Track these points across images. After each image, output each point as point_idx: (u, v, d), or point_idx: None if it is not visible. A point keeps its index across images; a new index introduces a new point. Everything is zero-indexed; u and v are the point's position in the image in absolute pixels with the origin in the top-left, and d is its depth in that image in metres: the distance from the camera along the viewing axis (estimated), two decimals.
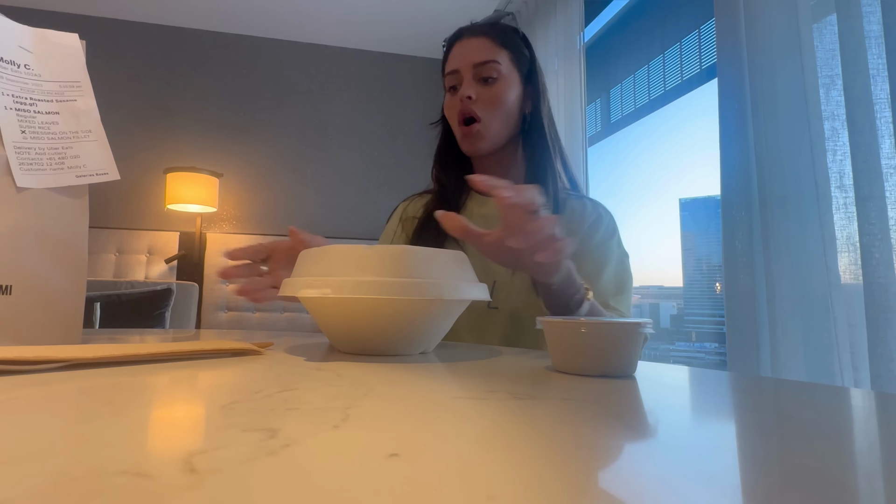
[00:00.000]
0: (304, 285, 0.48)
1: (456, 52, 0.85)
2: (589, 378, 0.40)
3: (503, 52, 0.84)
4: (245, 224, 3.17)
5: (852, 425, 0.29)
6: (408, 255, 0.48)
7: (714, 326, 1.91)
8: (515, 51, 0.85)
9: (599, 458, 0.20)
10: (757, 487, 0.18)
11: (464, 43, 0.85)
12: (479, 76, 0.83)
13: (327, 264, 0.49)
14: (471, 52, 0.83)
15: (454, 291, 0.48)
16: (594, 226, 0.85)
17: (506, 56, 0.84)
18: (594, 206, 0.88)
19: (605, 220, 0.86)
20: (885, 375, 0.91)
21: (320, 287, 0.47)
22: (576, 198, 0.89)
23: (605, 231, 0.85)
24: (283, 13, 3.02)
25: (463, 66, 0.84)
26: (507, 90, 0.83)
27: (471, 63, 0.83)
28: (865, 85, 0.97)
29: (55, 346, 0.41)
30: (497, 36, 0.85)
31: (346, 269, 0.48)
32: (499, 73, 0.83)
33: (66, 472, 0.16)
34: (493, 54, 0.83)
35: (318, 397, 0.29)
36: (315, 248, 0.52)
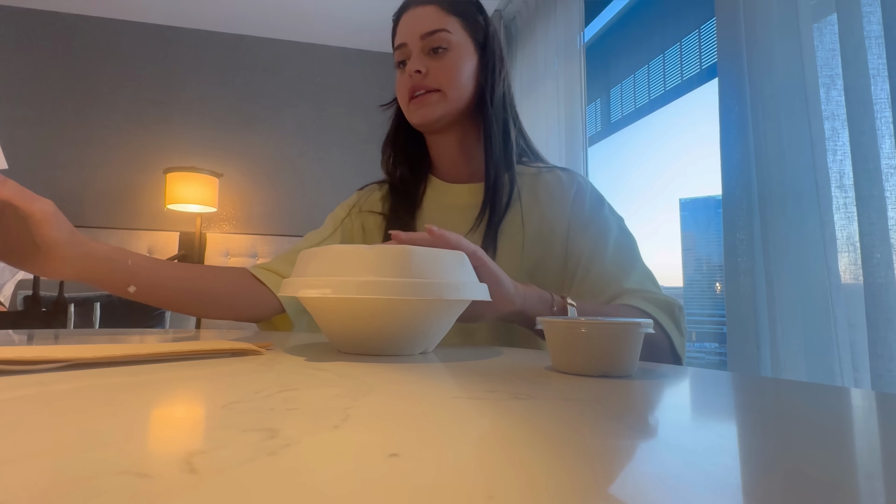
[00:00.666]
0: (304, 285, 0.48)
1: (402, 24, 0.78)
2: (589, 378, 0.39)
3: (453, 18, 0.77)
4: (245, 224, 3.17)
5: (852, 425, 0.29)
6: (409, 255, 0.48)
7: (714, 326, 1.91)
8: (467, 17, 0.78)
9: (599, 459, 0.20)
10: (757, 487, 0.18)
11: (410, 13, 0.78)
12: (427, 48, 0.76)
13: (328, 264, 0.49)
14: (417, 23, 0.76)
15: (454, 291, 0.48)
16: (579, 197, 0.79)
17: (456, 23, 0.77)
18: (570, 177, 0.82)
19: (587, 189, 0.80)
20: (886, 375, 0.91)
21: (321, 287, 0.46)
22: (546, 170, 0.83)
23: (592, 199, 0.79)
24: (283, 13, 3.02)
25: (410, 38, 0.77)
26: (459, 60, 0.76)
27: (418, 34, 0.76)
28: (865, 85, 0.97)
29: (55, 346, 0.41)
30: (445, 2, 0.77)
31: (346, 270, 0.47)
32: (449, 42, 0.76)
33: (66, 472, 0.16)
34: (441, 22, 0.76)
35: (318, 397, 0.29)
36: (315, 248, 0.51)
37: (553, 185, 0.80)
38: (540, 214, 0.78)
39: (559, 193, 0.79)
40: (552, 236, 0.77)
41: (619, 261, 0.74)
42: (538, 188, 0.80)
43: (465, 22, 0.78)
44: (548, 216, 0.78)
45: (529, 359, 0.52)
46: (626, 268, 0.73)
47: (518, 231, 0.77)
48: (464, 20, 0.78)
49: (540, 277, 0.75)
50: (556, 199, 0.79)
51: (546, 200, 0.79)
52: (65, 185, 2.94)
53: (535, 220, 0.78)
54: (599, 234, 0.76)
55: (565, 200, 0.79)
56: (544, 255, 0.77)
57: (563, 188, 0.80)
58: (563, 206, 0.78)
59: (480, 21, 0.80)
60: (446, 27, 0.76)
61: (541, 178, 0.81)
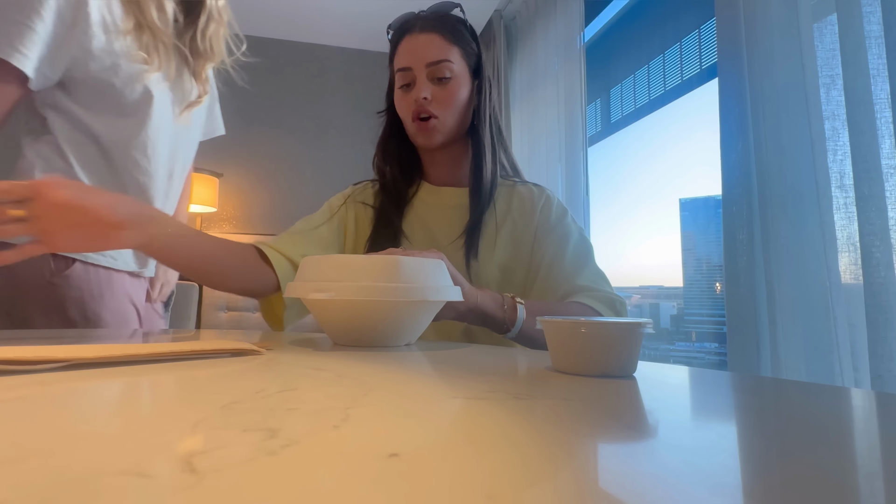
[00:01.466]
0: (311, 289, 0.56)
1: (407, 47, 0.84)
2: (589, 378, 0.39)
3: (454, 49, 0.84)
4: (245, 224, 3.17)
5: (852, 425, 0.29)
6: (398, 264, 0.57)
7: (714, 326, 1.91)
8: (465, 46, 0.85)
9: (599, 458, 0.20)
10: (757, 487, 0.18)
11: (414, 38, 0.83)
12: (432, 75, 0.83)
13: (330, 271, 0.57)
14: (423, 51, 0.82)
15: (435, 294, 0.58)
16: (545, 208, 0.89)
17: (457, 53, 0.84)
18: (540, 191, 0.92)
19: (553, 202, 0.90)
20: (886, 375, 0.91)
21: (326, 291, 0.55)
22: (521, 184, 0.93)
23: (557, 210, 0.89)
24: (283, 13, 3.02)
25: (416, 64, 0.83)
26: (459, 88, 0.84)
27: (424, 62, 0.82)
28: (866, 85, 0.97)
29: (55, 346, 0.41)
30: (448, 32, 0.84)
31: (345, 276, 0.56)
32: (452, 71, 0.83)
33: (66, 472, 0.16)
34: (445, 53, 0.82)
35: (318, 397, 0.29)
36: (318, 256, 0.59)
37: (525, 196, 0.90)
38: (511, 220, 0.88)
39: (529, 204, 0.89)
40: (521, 239, 0.87)
41: (576, 262, 0.83)
42: (512, 198, 0.90)
43: (464, 51, 0.86)
44: (518, 222, 0.88)
45: (529, 359, 0.52)
46: (581, 268, 0.83)
47: (492, 233, 0.87)
48: (462, 49, 0.85)
49: (509, 274, 0.86)
50: (526, 209, 0.89)
51: (517, 208, 0.89)
52: None
53: (507, 224, 0.88)
54: (560, 239, 0.85)
55: (534, 210, 0.89)
56: (514, 254, 0.87)
57: (534, 199, 0.90)
58: (532, 215, 0.88)
59: (474, 48, 0.88)
60: (449, 57, 0.83)
61: (515, 190, 0.91)
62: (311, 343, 0.65)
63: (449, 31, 0.84)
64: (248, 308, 2.95)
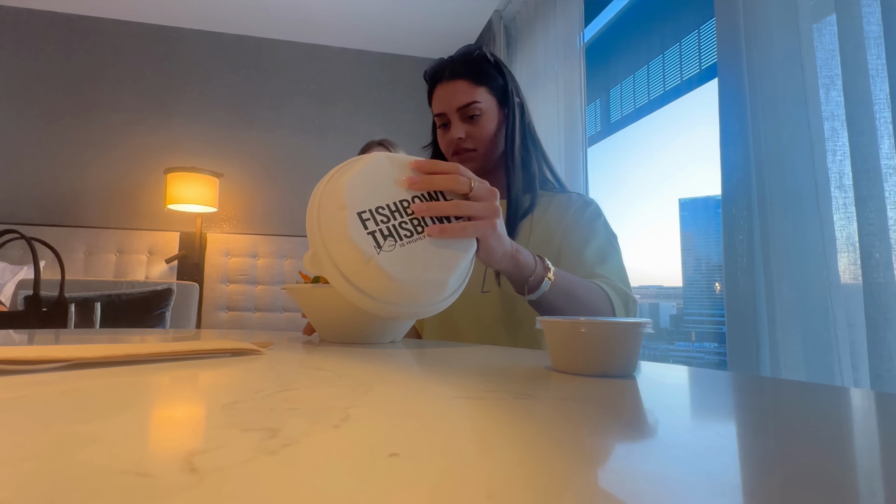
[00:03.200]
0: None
1: (440, 94, 0.96)
2: (589, 378, 0.40)
3: (481, 89, 0.94)
4: (245, 224, 3.17)
5: (852, 425, 0.29)
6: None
7: (714, 326, 1.91)
8: (491, 83, 0.95)
9: (599, 458, 0.20)
10: (757, 487, 0.18)
11: (445, 87, 0.95)
12: (464, 116, 0.94)
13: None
14: (453, 97, 0.94)
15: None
16: (580, 209, 0.94)
17: (484, 92, 0.94)
18: (580, 197, 0.98)
19: (590, 205, 0.95)
20: (885, 375, 0.91)
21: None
22: (562, 193, 0.99)
23: (592, 213, 0.94)
24: (283, 13, 3.02)
25: (448, 110, 0.95)
26: (489, 122, 0.94)
27: (454, 107, 0.94)
28: (865, 85, 0.97)
29: (55, 346, 0.41)
30: (473, 75, 0.94)
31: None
32: (480, 110, 0.93)
33: (66, 472, 0.16)
34: (472, 95, 0.93)
35: (318, 397, 0.29)
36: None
37: (562, 201, 0.96)
38: (545, 223, 0.94)
39: (564, 207, 0.95)
40: (551, 238, 0.92)
41: (599, 255, 0.87)
42: (550, 204, 0.96)
43: (490, 88, 0.95)
44: (550, 223, 0.94)
45: (529, 359, 0.52)
46: (603, 261, 0.86)
47: (525, 235, 0.93)
48: (489, 87, 0.94)
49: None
50: (559, 211, 0.94)
51: (553, 213, 0.95)
52: (65, 185, 2.94)
53: (540, 226, 0.94)
54: (587, 234, 0.90)
55: (568, 210, 0.94)
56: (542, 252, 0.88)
57: (570, 203, 0.95)
58: (565, 214, 0.93)
59: (500, 81, 0.96)
60: (476, 98, 0.93)
61: (554, 198, 0.97)
62: (311, 343, 0.65)
63: (474, 73, 0.94)
64: (248, 308, 2.96)
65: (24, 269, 2.49)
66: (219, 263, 2.96)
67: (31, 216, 2.86)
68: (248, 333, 0.82)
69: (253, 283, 2.98)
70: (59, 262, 1.10)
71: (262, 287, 2.98)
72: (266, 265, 3.01)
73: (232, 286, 2.96)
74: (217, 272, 2.95)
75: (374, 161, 0.60)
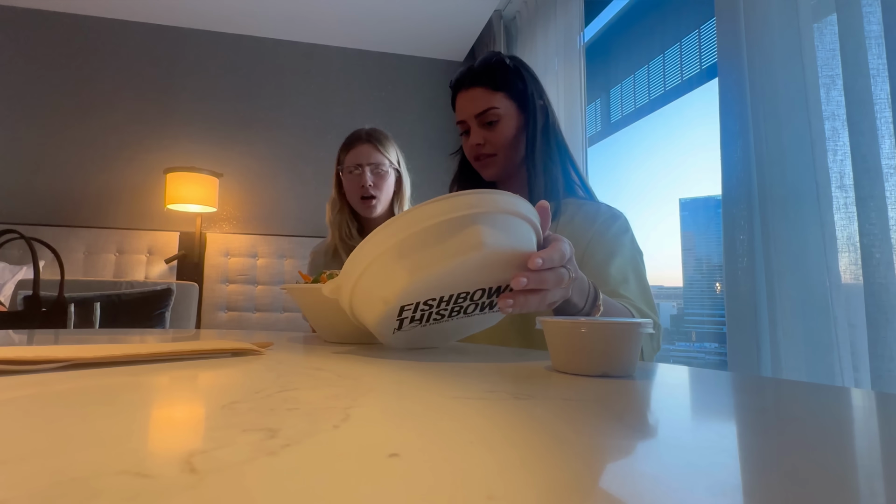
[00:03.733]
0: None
1: (460, 103, 0.98)
2: (589, 378, 0.39)
3: (498, 95, 0.94)
4: (245, 224, 3.17)
5: (852, 425, 0.29)
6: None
7: (714, 326, 1.91)
8: (510, 88, 0.95)
9: (599, 458, 0.20)
10: (757, 487, 0.18)
11: (464, 95, 0.97)
12: (482, 122, 0.95)
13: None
14: (471, 105, 0.95)
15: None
16: (608, 222, 0.91)
17: (501, 98, 0.94)
18: (609, 209, 0.95)
19: (619, 219, 0.92)
20: (886, 375, 0.91)
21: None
22: (588, 205, 0.96)
23: (619, 227, 0.91)
24: (283, 13, 3.02)
25: (467, 117, 0.96)
26: (508, 127, 0.94)
27: (473, 114, 0.95)
28: (866, 85, 0.97)
29: (55, 347, 0.41)
30: (490, 82, 0.95)
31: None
32: (498, 115, 0.94)
33: (66, 472, 0.16)
34: (489, 102, 0.94)
35: (318, 397, 0.29)
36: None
37: (589, 212, 0.93)
38: (569, 231, 0.91)
39: (590, 217, 0.92)
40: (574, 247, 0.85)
41: (622, 273, 0.84)
42: (577, 214, 0.94)
43: (509, 93, 0.95)
44: (575, 233, 0.91)
45: (529, 359, 0.52)
46: (626, 280, 0.84)
47: None
48: (507, 92, 0.95)
49: None
50: (586, 221, 0.92)
51: (578, 222, 0.92)
52: (65, 184, 2.94)
53: (564, 234, 0.88)
54: (610, 251, 0.87)
55: (594, 222, 0.91)
56: None
57: (597, 214, 0.92)
58: (591, 226, 0.91)
59: (519, 86, 0.95)
60: (494, 104, 0.94)
61: (581, 207, 0.95)
62: (311, 343, 0.65)
63: (492, 80, 0.95)
64: (248, 308, 2.96)
65: (24, 269, 2.48)
66: (218, 263, 2.96)
67: (31, 216, 2.86)
68: (248, 333, 0.82)
69: (253, 283, 2.98)
70: (59, 262, 1.10)
71: (262, 287, 2.98)
72: (266, 265, 3.01)
73: (232, 286, 2.96)
74: (217, 272, 2.95)
75: (476, 256, 0.48)
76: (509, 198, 0.51)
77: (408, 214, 0.48)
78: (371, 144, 1.36)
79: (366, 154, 1.35)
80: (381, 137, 1.39)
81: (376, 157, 1.35)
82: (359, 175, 1.33)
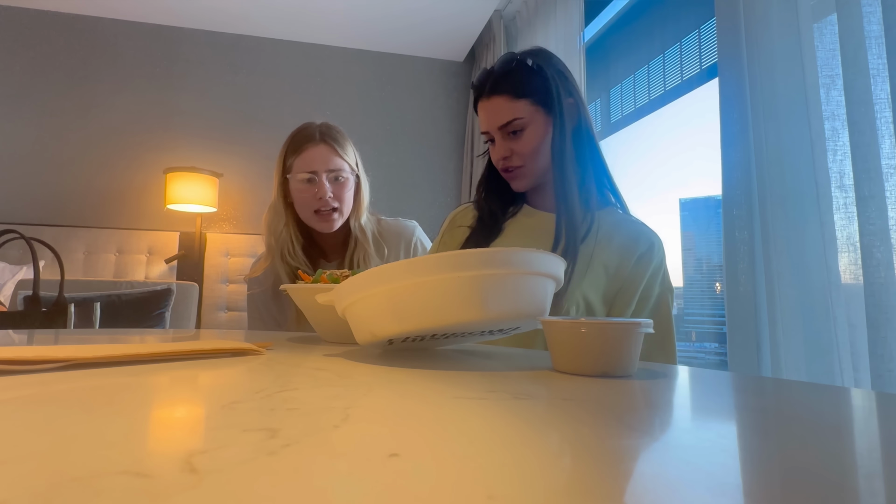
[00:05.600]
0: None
1: (482, 114, 0.92)
2: (589, 378, 0.39)
3: (521, 103, 0.88)
4: (245, 224, 3.17)
5: (852, 425, 0.29)
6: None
7: (714, 326, 1.91)
8: (533, 94, 0.89)
9: (599, 458, 0.20)
10: (757, 487, 0.18)
11: (485, 105, 0.91)
12: (505, 134, 0.90)
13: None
14: (493, 116, 0.90)
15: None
16: (645, 263, 0.87)
17: (525, 105, 0.88)
18: (647, 237, 0.90)
19: (655, 258, 0.88)
20: (886, 375, 0.91)
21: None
22: (628, 223, 0.92)
23: (654, 268, 0.87)
24: (283, 13, 3.02)
25: (491, 128, 0.91)
26: (534, 136, 0.89)
27: (496, 126, 0.90)
28: (866, 85, 0.97)
29: (55, 347, 0.41)
30: (512, 89, 0.88)
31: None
32: (523, 124, 0.88)
33: (66, 472, 0.16)
34: (512, 112, 0.88)
35: (318, 397, 0.29)
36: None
37: (627, 241, 0.89)
38: (606, 256, 0.87)
39: (628, 248, 0.88)
40: (611, 276, 0.87)
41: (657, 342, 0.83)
42: (614, 237, 0.89)
43: (532, 99, 0.88)
44: (611, 261, 0.87)
45: (529, 359, 0.52)
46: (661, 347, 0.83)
47: (586, 263, 0.87)
48: (530, 98, 0.88)
49: (591, 305, 0.86)
50: (623, 251, 0.88)
51: (615, 248, 0.88)
52: (65, 185, 2.94)
53: (601, 257, 0.87)
54: (645, 296, 0.86)
55: (632, 254, 0.87)
56: (599, 289, 0.87)
57: (636, 244, 0.88)
58: (629, 260, 0.87)
59: (544, 89, 0.88)
60: (517, 114, 0.88)
61: (618, 230, 0.90)
62: (311, 343, 0.65)
63: (513, 87, 0.88)
64: None
65: (24, 269, 2.48)
66: (218, 263, 2.96)
67: (31, 216, 2.86)
68: (248, 334, 0.82)
69: None
70: (59, 262, 1.10)
71: None
72: None
73: (232, 286, 2.96)
74: (217, 272, 2.95)
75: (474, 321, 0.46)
76: (524, 256, 0.47)
77: (403, 264, 0.45)
78: (327, 145, 1.10)
79: (322, 159, 1.09)
80: (338, 136, 1.13)
81: (335, 163, 1.10)
82: (314, 185, 1.09)
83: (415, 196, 3.43)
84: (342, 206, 1.11)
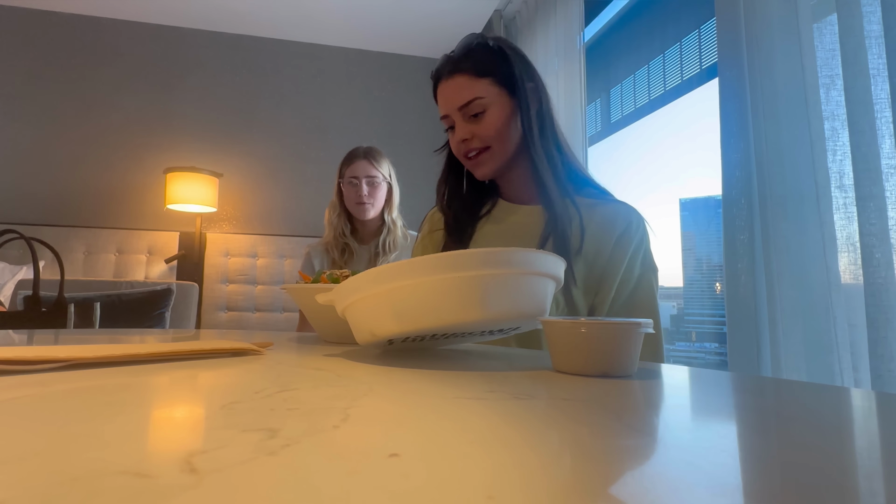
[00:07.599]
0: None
1: (441, 95, 0.87)
2: (589, 378, 0.39)
3: (482, 82, 0.83)
4: (245, 224, 3.17)
5: (852, 425, 0.29)
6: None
7: (714, 326, 1.91)
8: (495, 73, 0.84)
9: (599, 458, 0.20)
10: (757, 487, 0.18)
11: (444, 86, 0.86)
12: (467, 115, 0.84)
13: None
14: (453, 96, 0.84)
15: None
16: (627, 239, 0.83)
17: (486, 84, 0.84)
18: (626, 213, 0.85)
19: (634, 234, 0.84)
20: (886, 375, 0.91)
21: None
22: (603, 203, 0.87)
23: (634, 248, 0.83)
24: (283, 13, 3.02)
25: (450, 110, 0.86)
26: (497, 117, 0.84)
27: (455, 107, 0.84)
28: (865, 85, 0.97)
29: (55, 347, 0.41)
30: (472, 68, 0.84)
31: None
32: (484, 105, 0.83)
33: (66, 472, 0.16)
34: (473, 91, 0.83)
35: (318, 397, 0.29)
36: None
37: (607, 216, 0.85)
38: (591, 234, 0.83)
39: (609, 224, 0.84)
40: (593, 263, 0.83)
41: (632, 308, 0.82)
42: (594, 216, 0.85)
43: (494, 78, 0.84)
44: (596, 238, 0.83)
45: (529, 359, 0.52)
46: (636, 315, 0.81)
47: (576, 247, 0.83)
48: (492, 77, 0.84)
49: (578, 293, 0.82)
50: (605, 227, 0.84)
51: (596, 225, 0.84)
52: (64, 185, 2.94)
53: (588, 238, 0.83)
54: (627, 278, 0.83)
55: (613, 230, 0.83)
56: (584, 276, 0.83)
57: (615, 219, 0.84)
58: (611, 236, 0.83)
59: (506, 69, 0.84)
60: (477, 94, 0.83)
61: (597, 209, 0.85)
62: (310, 343, 0.65)
63: (473, 66, 0.84)
64: (248, 308, 2.96)
65: (24, 269, 2.48)
66: (218, 263, 2.96)
67: (31, 216, 2.86)
68: (248, 333, 0.82)
69: (252, 283, 2.98)
70: (59, 262, 1.10)
71: (262, 287, 2.98)
72: (266, 265, 3.01)
73: (231, 286, 2.96)
74: (217, 272, 2.95)
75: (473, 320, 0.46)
76: (524, 255, 0.47)
77: (404, 264, 0.45)
78: (367, 161, 1.66)
79: (362, 169, 1.64)
80: (377, 155, 1.69)
81: (371, 171, 1.65)
82: (356, 186, 1.63)
83: (415, 196, 3.43)
84: (373, 201, 1.65)
